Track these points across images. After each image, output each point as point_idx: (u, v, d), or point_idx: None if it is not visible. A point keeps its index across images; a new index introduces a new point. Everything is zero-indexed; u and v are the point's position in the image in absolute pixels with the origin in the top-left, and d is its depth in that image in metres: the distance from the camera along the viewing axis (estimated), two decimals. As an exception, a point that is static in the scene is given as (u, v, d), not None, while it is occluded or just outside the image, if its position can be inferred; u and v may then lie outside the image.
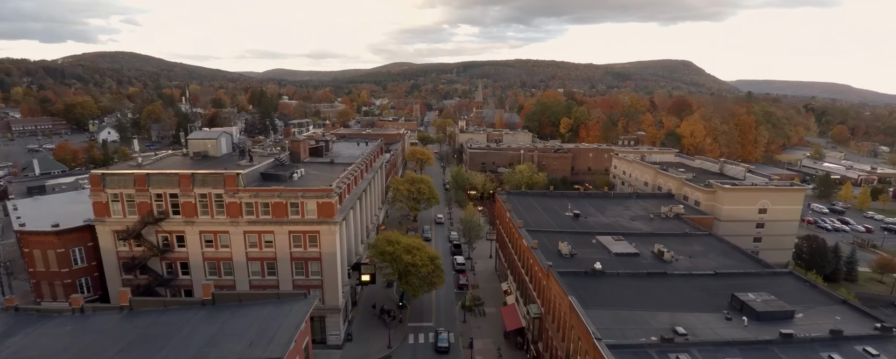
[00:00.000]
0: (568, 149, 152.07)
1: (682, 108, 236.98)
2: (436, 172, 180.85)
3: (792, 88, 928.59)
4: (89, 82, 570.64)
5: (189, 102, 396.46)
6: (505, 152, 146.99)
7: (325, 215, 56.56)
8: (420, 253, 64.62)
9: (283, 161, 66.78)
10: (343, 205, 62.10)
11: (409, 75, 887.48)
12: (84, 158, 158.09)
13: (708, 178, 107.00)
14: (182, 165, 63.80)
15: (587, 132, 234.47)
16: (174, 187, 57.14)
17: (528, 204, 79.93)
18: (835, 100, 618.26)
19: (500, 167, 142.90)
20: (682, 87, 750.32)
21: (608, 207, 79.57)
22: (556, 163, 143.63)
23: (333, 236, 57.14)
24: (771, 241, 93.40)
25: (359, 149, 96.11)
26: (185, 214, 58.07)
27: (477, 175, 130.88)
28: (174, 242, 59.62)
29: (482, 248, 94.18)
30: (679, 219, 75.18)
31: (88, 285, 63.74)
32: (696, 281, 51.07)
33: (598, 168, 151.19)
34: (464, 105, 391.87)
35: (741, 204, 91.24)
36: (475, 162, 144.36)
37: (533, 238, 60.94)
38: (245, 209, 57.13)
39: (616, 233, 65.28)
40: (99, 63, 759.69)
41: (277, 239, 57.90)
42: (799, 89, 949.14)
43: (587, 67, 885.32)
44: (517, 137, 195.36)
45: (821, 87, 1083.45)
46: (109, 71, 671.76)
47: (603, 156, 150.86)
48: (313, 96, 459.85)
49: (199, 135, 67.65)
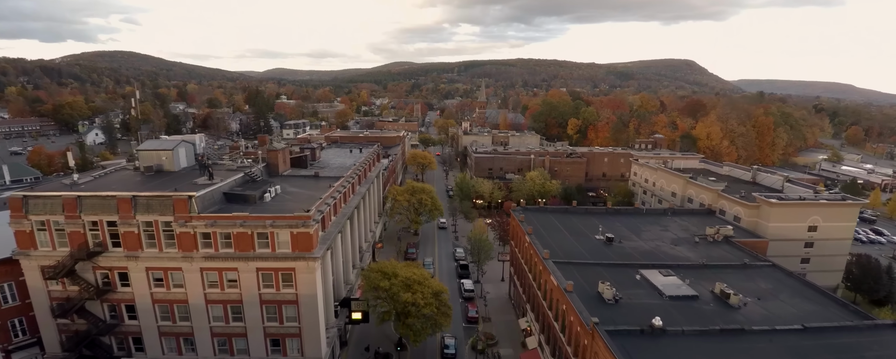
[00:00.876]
0: (581, 153, 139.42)
1: (696, 108, 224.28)
2: (438, 177, 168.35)
3: (795, 88, 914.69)
4: (86, 82, 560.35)
5: (186, 102, 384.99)
6: (513, 157, 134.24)
7: (302, 249, 44.18)
8: (422, 288, 52.31)
9: (255, 176, 54.31)
10: (327, 231, 49.71)
11: (410, 75, 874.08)
12: (60, 163, 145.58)
13: (741, 187, 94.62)
14: (130, 182, 51.41)
15: (596, 134, 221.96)
16: (112, 214, 44.77)
17: (549, 223, 67.46)
18: (839, 99, 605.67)
19: (509, 173, 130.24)
20: (686, 86, 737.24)
21: (643, 227, 67.09)
22: (570, 169, 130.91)
23: (313, 275, 44.74)
24: (820, 262, 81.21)
25: (351, 157, 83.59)
26: (127, 247, 45.71)
27: (484, 182, 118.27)
28: (116, 281, 47.29)
29: (493, 269, 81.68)
30: (729, 243, 62.72)
31: (22, 328, 51.76)
32: (781, 340, 38.67)
33: (614, 174, 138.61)
34: (466, 105, 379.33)
35: (790, 221, 78.86)
36: (481, 167, 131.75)
37: (561, 270, 48.66)
38: (201, 241, 44.74)
39: (662, 265, 52.84)
40: (97, 62, 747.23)
41: (243, 278, 45.53)
42: (802, 89, 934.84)
43: (589, 67, 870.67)
44: (525, 140, 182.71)
45: (824, 87, 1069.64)
46: (107, 70, 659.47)
47: (619, 161, 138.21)
48: (312, 96, 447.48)
49: (151, 144, 55.25)
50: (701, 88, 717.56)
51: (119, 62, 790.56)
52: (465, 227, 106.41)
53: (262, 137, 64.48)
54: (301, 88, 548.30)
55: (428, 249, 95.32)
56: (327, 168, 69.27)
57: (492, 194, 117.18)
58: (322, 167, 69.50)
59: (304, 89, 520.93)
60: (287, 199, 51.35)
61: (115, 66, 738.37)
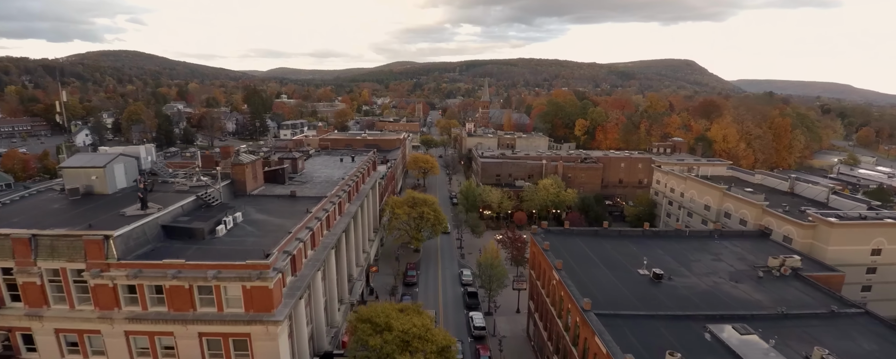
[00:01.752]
0: (596, 158, 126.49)
1: (709, 109, 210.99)
2: (441, 183, 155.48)
3: (793, 88, 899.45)
4: (89, 81, 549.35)
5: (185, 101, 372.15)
6: (523, 162, 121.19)
7: (259, 308, 31.65)
8: (424, 345, 39.79)
9: (210, 200, 41.64)
10: (299, 276, 37.19)
11: (412, 74, 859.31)
12: (36, 167, 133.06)
13: (781, 200, 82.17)
14: (47, 211, 38.91)
15: (604, 135, 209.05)
16: (6, 258, 32.35)
17: (577, 250, 54.84)
18: (840, 100, 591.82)
19: (518, 180, 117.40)
20: (687, 86, 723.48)
21: (690, 256, 54.42)
22: (585, 176, 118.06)
23: (274, 342, 32.17)
24: (883, 289, 68.88)
25: (342, 167, 70.83)
26: (28, 303, 33.29)
27: (492, 191, 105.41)
28: (19, 345, 34.85)
29: (507, 298, 68.91)
30: (799, 278, 50.03)
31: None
32: None
33: (631, 180, 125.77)
34: (468, 104, 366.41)
35: (852, 244, 66.50)
36: (488, 174, 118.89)
37: (607, 326, 36.19)
38: (124, 296, 32.26)
39: (733, 315, 40.24)
40: (101, 62, 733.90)
41: (181, 346, 32.97)
42: (800, 89, 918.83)
43: (591, 66, 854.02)
44: (533, 142, 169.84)
45: (822, 87, 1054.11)
46: (110, 69, 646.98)
47: (636, 166, 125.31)
48: (313, 95, 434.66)
49: (79, 159, 42.81)
50: (702, 88, 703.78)
51: (123, 61, 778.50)
52: (472, 242, 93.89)
53: (225, 148, 51.76)
54: (303, 88, 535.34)
55: (430, 269, 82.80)
56: (310, 183, 56.63)
57: (501, 204, 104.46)
58: (304, 182, 56.87)
59: (305, 89, 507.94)
60: (248, 232, 38.77)
61: (118, 65, 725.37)
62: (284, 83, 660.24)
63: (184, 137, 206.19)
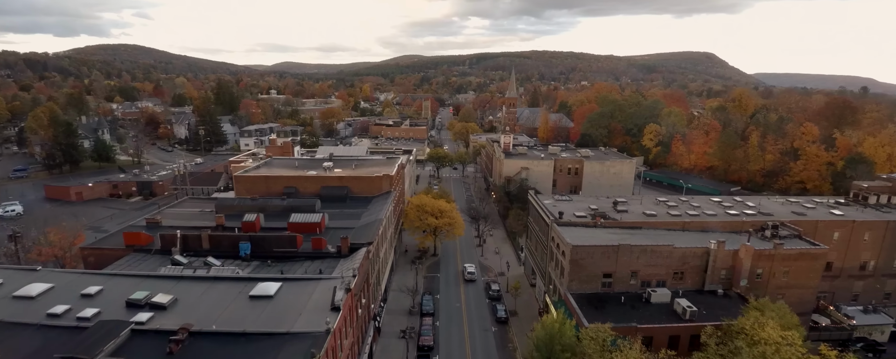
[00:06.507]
0: (798, 224, 58.39)
1: (841, 113, 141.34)
2: (466, 246, 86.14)
3: (815, 82, 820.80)
4: (73, 75, 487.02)
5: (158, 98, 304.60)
6: (667, 252, 52.04)
7: None
8: None
9: None
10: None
11: (419, 68, 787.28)
12: None
13: None
14: None
15: (687, 149, 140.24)
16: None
17: None
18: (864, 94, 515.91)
19: (653, 286, 50.18)
20: (712, 79, 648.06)
21: None
22: (797, 268, 50.43)
23: None
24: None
25: None
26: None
27: (625, 349, 38.37)
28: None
29: None
30: None
31: None
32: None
33: (872, 267, 58.00)
34: (486, 101, 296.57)
35: None
36: (587, 273, 50.77)
37: None
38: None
39: None
40: (95, 56, 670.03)
41: None
42: (822, 83, 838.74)
43: (608, 59, 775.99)
44: (610, 166, 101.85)
45: (844, 81, 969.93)
46: (99, 63, 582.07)
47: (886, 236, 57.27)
48: (307, 90, 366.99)
49: None
50: (726, 82, 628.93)
51: (118, 55, 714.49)
52: None
53: None
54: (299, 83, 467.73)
55: None
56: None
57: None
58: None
59: (299, 83, 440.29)
60: None
61: (110, 59, 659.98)
62: (283, 77, 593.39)
63: (98, 150, 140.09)
